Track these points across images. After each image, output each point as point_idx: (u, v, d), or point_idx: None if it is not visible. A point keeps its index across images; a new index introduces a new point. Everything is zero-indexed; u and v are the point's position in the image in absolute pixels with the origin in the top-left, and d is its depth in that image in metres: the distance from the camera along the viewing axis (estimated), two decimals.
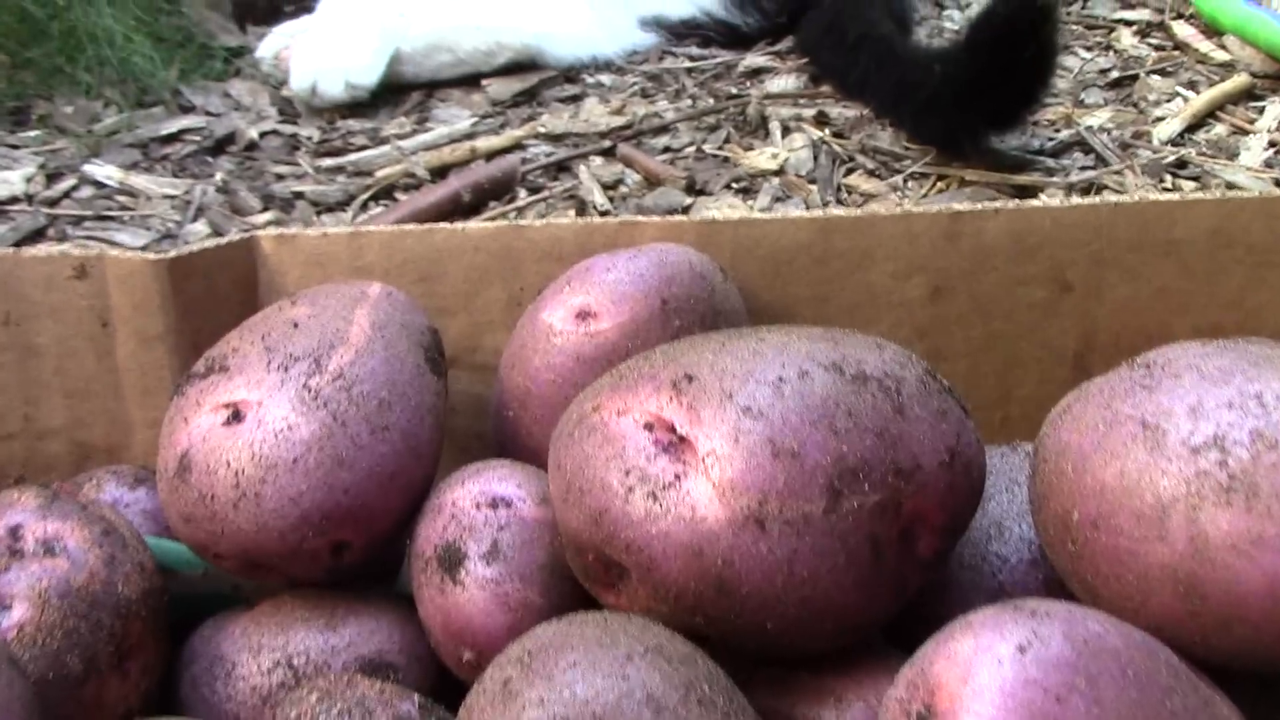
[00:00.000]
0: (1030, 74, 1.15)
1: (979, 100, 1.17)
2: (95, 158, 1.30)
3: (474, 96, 1.44)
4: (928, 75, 1.22)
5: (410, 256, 0.65)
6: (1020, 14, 1.13)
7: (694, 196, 1.20)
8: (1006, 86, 1.15)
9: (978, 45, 1.16)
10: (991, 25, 1.16)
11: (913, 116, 1.25)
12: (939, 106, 1.20)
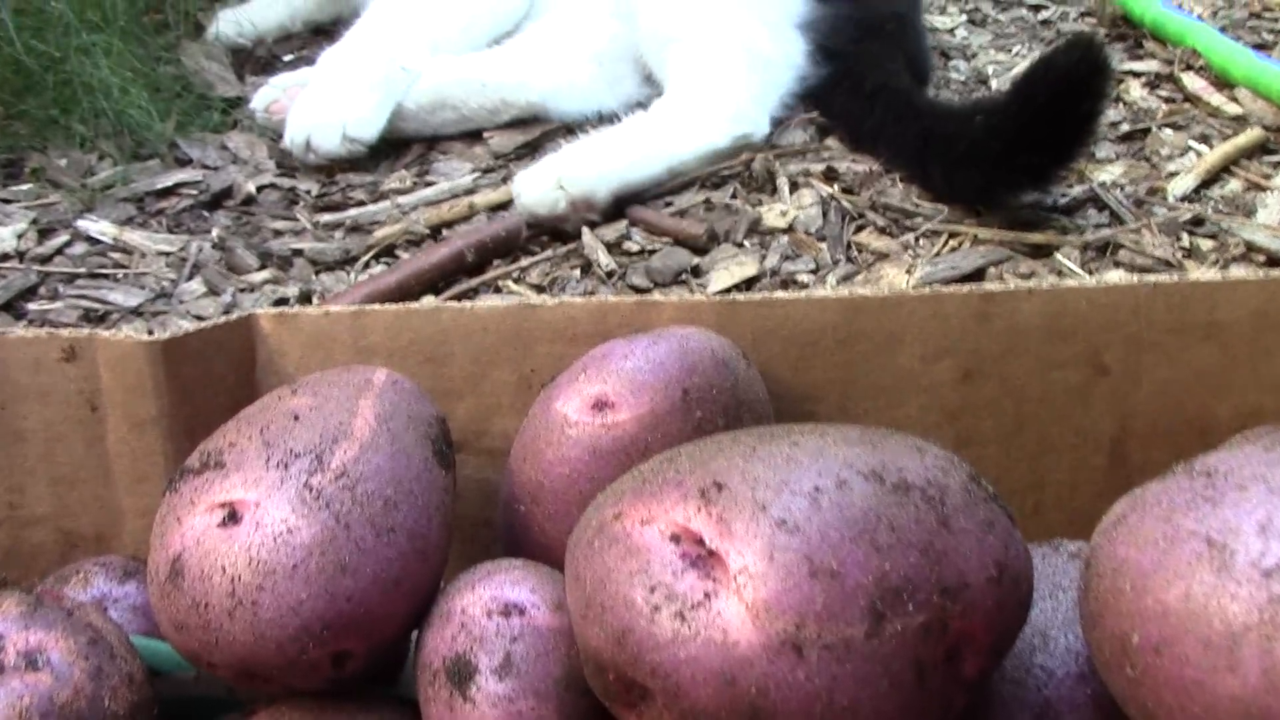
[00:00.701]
0: (1077, 128, 1.13)
1: (1025, 153, 1.14)
2: (89, 212, 1.27)
3: (475, 149, 1.42)
4: (964, 127, 1.19)
5: (416, 337, 0.62)
6: (1080, 66, 1.11)
7: (701, 256, 1.17)
8: (1052, 140, 1.13)
9: (1032, 96, 1.14)
10: (1049, 76, 1.13)
11: (944, 170, 1.22)
12: (979, 160, 1.17)
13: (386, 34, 1.40)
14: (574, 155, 1.23)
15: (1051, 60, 1.16)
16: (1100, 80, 1.12)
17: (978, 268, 1.13)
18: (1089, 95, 1.12)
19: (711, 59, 1.33)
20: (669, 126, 1.29)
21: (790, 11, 1.38)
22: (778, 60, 1.37)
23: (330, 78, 1.36)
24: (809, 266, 1.16)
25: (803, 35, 1.38)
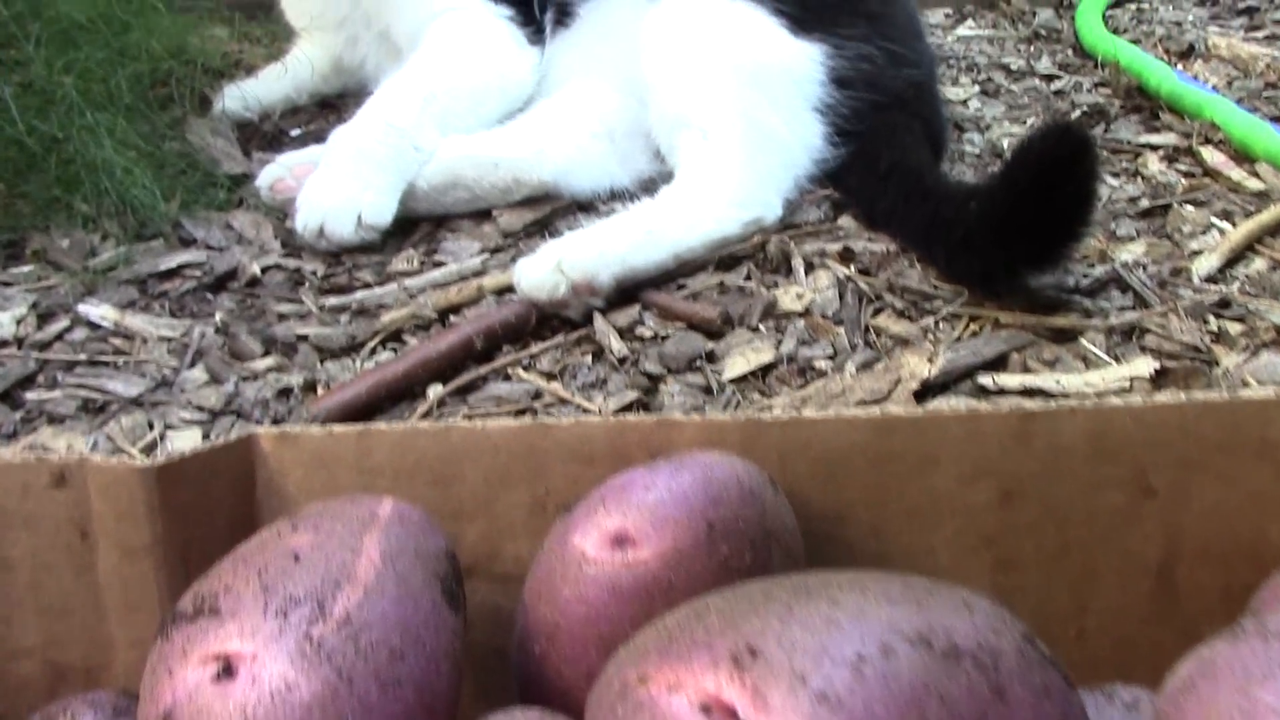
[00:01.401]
0: (1069, 212, 1.10)
1: (1016, 239, 1.12)
2: (90, 295, 1.25)
3: (484, 227, 1.39)
4: (962, 212, 1.17)
5: (424, 457, 0.59)
6: (1058, 149, 1.09)
7: (715, 341, 1.14)
8: (1045, 225, 1.11)
9: (1014, 181, 1.12)
10: (1028, 161, 1.11)
11: (946, 254, 1.20)
12: (974, 245, 1.15)
13: (398, 113, 1.39)
14: (576, 240, 1.21)
15: (1029, 147, 1.15)
16: (1084, 163, 1.09)
17: (1000, 353, 1.10)
18: (1076, 179, 1.09)
19: (722, 143, 1.31)
20: (676, 212, 1.26)
21: (806, 94, 1.36)
22: (792, 144, 1.35)
23: (342, 160, 1.34)
24: (826, 352, 1.12)
25: (819, 118, 1.36)
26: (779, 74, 1.37)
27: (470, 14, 1.56)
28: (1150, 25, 2.14)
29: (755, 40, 1.38)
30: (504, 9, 1.57)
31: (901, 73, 1.42)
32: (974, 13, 2.20)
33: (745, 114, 1.34)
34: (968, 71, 1.92)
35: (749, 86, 1.36)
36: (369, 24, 1.65)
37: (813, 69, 1.38)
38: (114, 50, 1.37)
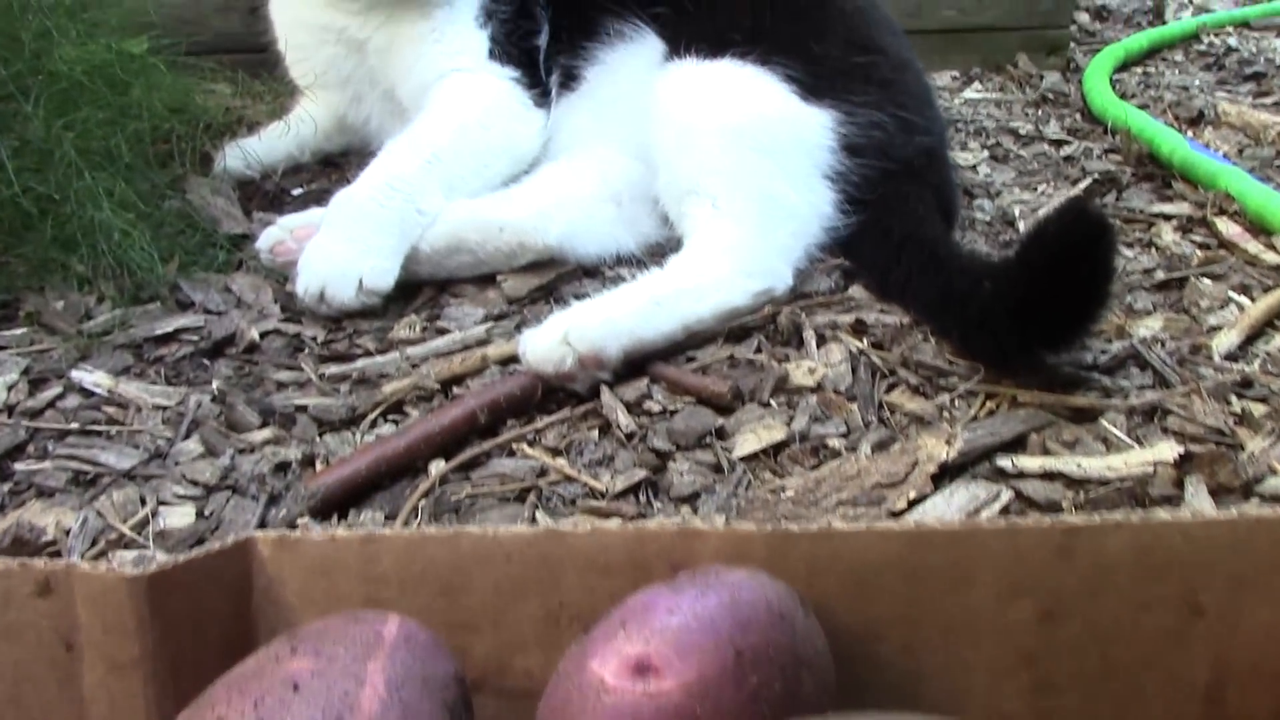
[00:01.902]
0: (1086, 294, 1.08)
1: (1032, 319, 1.09)
2: (85, 361, 1.22)
3: (488, 293, 1.37)
4: (977, 289, 1.14)
5: (431, 564, 0.56)
6: (1075, 231, 1.06)
7: (725, 417, 1.11)
8: (1061, 306, 1.08)
9: (1030, 262, 1.09)
10: (1045, 241, 1.09)
11: (961, 331, 1.17)
12: (990, 324, 1.12)
13: (401, 175, 1.36)
14: (583, 312, 1.18)
15: (1046, 227, 1.12)
16: (1102, 245, 1.07)
17: (1018, 434, 1.07)
18: (1093, 262, 1.07)
19: (732, 212, 1.29)
20: (685, 283, 1.23)
21: (817, 161, 1.33)
22: (803, 212, 1.32)
23: (343, 222, 1.32)
24: (839, 430, 1.09)
25: (830, 186, 1.33)
26: (790, 140, 1.35)
27: (476, 75, 1.55)
28: (1158, 90, 2.13)
29: (766, 106, 1.37)
30: (510, 70, 1.56)
31: (913, 140, 1.40)
32: (981, 75, 2.19)
33: (756, 181, 1.32)
34: (976, 136, 1.90)
35: (759, 153, 1.33)
36: (373, 82, 1.63)
37: (824, 135, 1.35)
38: (114, 109, 1.35)
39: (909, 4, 2.12)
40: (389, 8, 1.56)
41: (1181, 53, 2.46)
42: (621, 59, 1.52)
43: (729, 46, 1.39)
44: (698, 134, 1.34)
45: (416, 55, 1.56)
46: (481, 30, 1.57)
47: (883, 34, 1.52)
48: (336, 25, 1.59)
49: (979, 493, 0.97)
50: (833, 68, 1.40)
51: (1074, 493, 1.00)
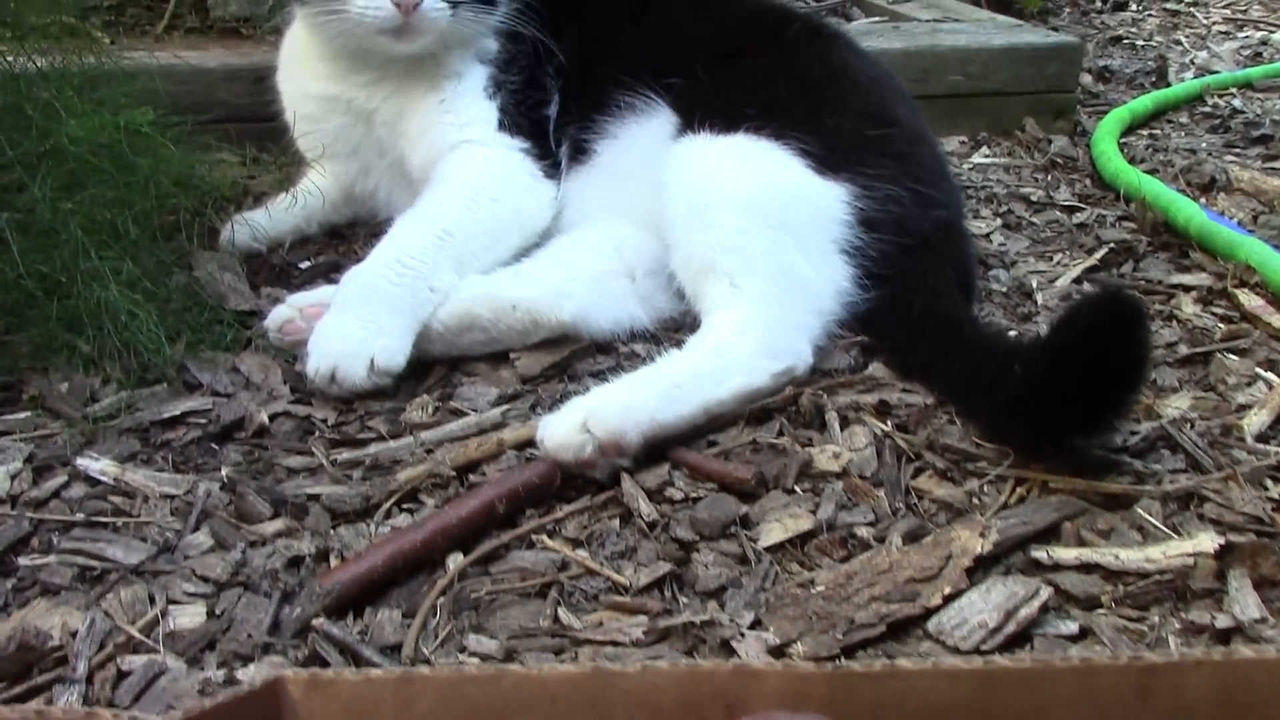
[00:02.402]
0: (1120, 381, 1.05)
1: (1064, 407, 1.07)
2: (90, 447, 1.18)
3: (502, 372, 1.34)
4: (1004, 373, 1.12)
5: (473, 707, 0.53)
6: (1107, 318, 1.04)
7: (749, 504, 1.09)
8: (1094, 393, 1.06)
9: (1063, 348, 1.07)
10: (1076, 328, 1.07)
11: (988, 416, 1.14)
12: (1019, 409, 1.10)
13: (412, 252, 1.34)
14: (602, 396, 1.15)
15: (1078, 312, 1.11)
16: (1138, 336, 1.05)
17: (1051, 522, 1.04)
18: (1127, 351, 1.05)
19: (750, 291, 1.26)
20: (705, 365, 1.21)
21: (834, 236, 1.31)
22: (821, 288, 1.30)
23: (354, 301, 1.29)
24: (867, 518, 1.07)
25: (848, 260, 1.31)
26: (806, 215, 1.33)
27: (486, 146, 1.53)
28: (1167, 154, 2.12)
29: (781, 180, 1.35)
30: (519, 141, 1.54)
31: (930, 214, 1.38)
32: (989, 140, 2.19)
33: (773, 258, 1.30)
34: (988, 202, 1.89)
35: (776, 228, 1.31)
36: (382, 153, 1.61)
37: (840, 209, 1.33)
38: (121, 186, 1.32)
39: (916, 69, 2.11)
40: (398, 79, 1.55)
41: (1187, 114, 2.46)
42: (633, 132, 1.50)
43: (743, 121, 1.37)
44: (713, 210, 1.32)
45: (425, 126, 1.54)
46: (490, 101, 1.55)
47: (897, 106, 1.51)
48: (345, 96, 1.58)
49: (1017, 589, 0.94)
50: (848, 141, 1.38)
51: (1113, 586, 0.97)
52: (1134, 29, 3.23)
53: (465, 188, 1.48)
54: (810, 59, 1.50)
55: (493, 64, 1.56)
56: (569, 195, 1.54)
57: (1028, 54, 2.19)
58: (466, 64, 1.55)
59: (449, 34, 1.49)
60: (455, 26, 1.47)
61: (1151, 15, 3.42)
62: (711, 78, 1.47)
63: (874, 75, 1.55)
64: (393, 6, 1.41)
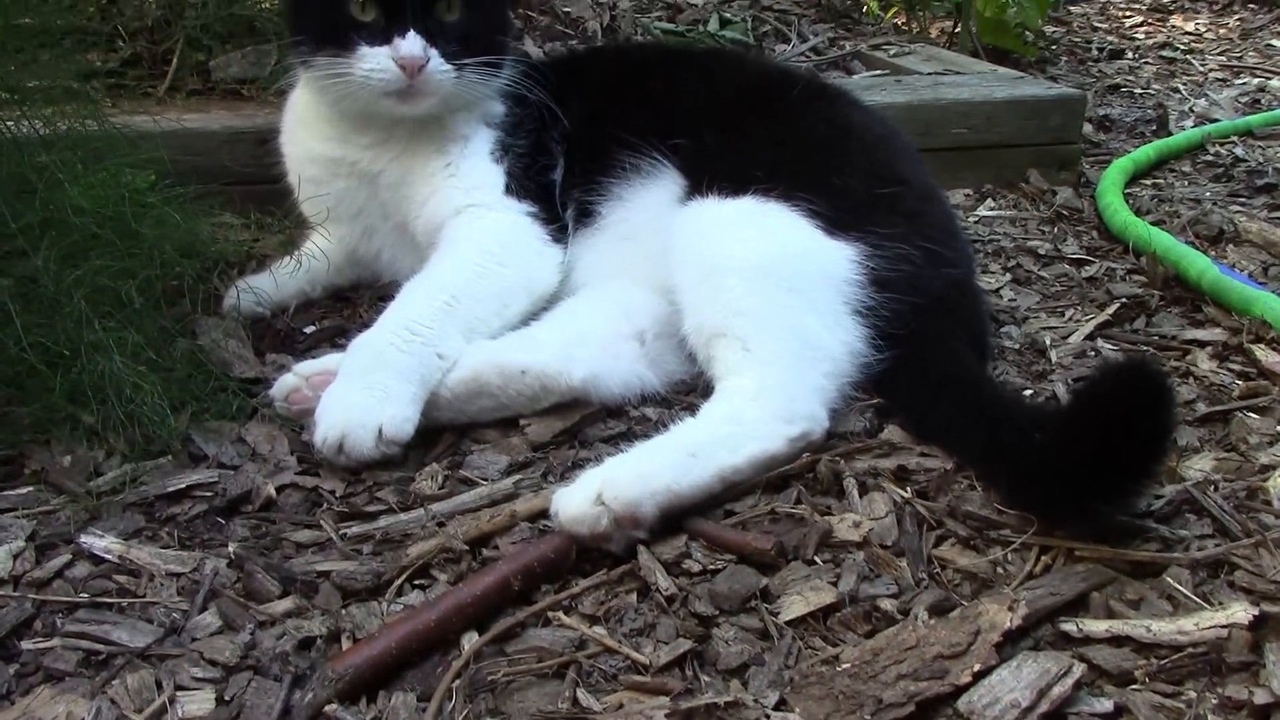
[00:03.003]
0: (1143, 451, 1.03)
1: (1085, 477, 1.04)
2: (94, 523, 1.16)
3: (512, 439, 1.32)
4: (1025, 440, 1.10)
5: None
6: (1130, 388, 1.03)
7: (769, 576, 1.06)
8: (1118, 464, 1.03)
9: (1084, 418, 1.05)
10: (1098, 398, 1.05)
11: (1010, 483, 1.12)
12: (1040, 478, 1.08)
13: (420, 319, 1.33)
14: (616, 467, 1.13)
15: (1100, 381, 1.09)
16: (1160, 402, 1.03)
17: (1079, 593, 1.02)
18: (1151, 421, 1.03)
19: (763, 355, 1.24)
20: (720, 432, 1.19)
21: (846, 296, 1.30)
22: (834, 350, 1.28)
23: (361, 369, 1.27)
24: (890, 590, 1.04)
25: (860, 321, 1.29)
26: (817, 276, 1.32)
27: (493, 211, 1.52)
28: (1172, 204, 2.12)
29: (791, 242, 1.33)
30: (526, 205, 1.53)
31: (941, 272, 1.36)
32: (994, 192, 2.18)
33: (785, 321, 1.28)
34: (996, 256, 1.88)
35: (787, 291, 1.29)
36: (386, 216, 1.60)
37: (851, 270, 1.32)
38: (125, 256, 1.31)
39: (919, 123, 2.11)
40: (403, 141, 1.54)
41: (1189, 163, 2.46)
42: (639, 194, 1.49)
43: (750, 183, 1.36)
44: (723, 274, 1.30)
45: (431, 190, 1.53)
46: (497, 165, 1.55)
47: (905, 164, 1.50)
48: (349, 158, 1.57)
49: (1048, 665, 0.92)
50: (856, 200, 1.37)
51: (1146, 660, 0.95)
52: (1131, 77, 3.25)
53: (473, 253, 1.46)
54: (816, 119, 1.50)
55: (499, 128, 1.56)
56: (576, 257, 1.53)
57: (1031, 106, 2.19)
58: (473, 127, 1.55)
59: (454, 96, 1.48)
60: (460, 89, 1.47)
61: (1148, 63, 3.43)
62: (717, 140, 1.46)
63: (880, 132, 1.55)
64: (398, 69, 1.41)
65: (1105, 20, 4.04)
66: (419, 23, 1.42)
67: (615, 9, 2.82)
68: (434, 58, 1.42)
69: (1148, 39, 3.76)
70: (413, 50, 1.41)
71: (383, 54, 1.41)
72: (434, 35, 1.43)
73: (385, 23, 1.42)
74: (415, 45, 1.41)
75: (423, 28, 1.42)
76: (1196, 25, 3.96)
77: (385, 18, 1.42)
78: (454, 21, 1.46)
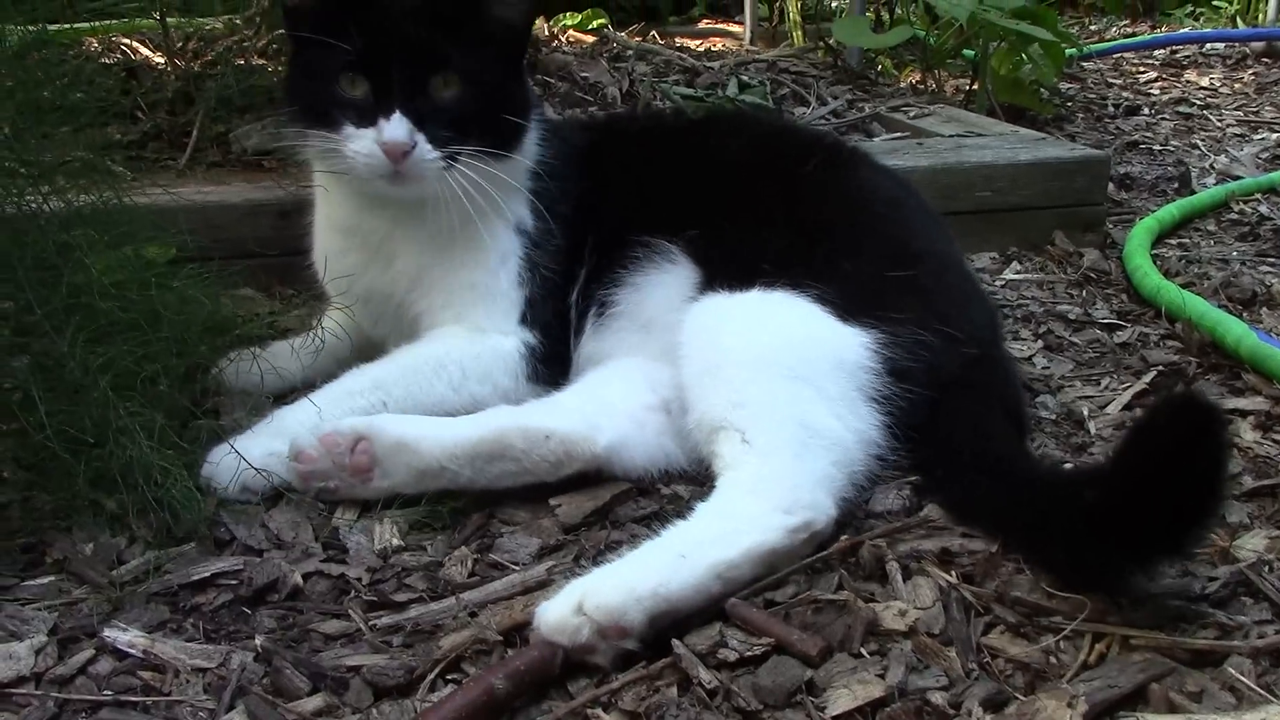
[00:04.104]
0: (1198, 492, 1.00)
1: (1136, 528, 1.00)
2: (117, 614, 1.13)
3: (542, 520, 1.29)
4: (1068, 507, 1.07)
5: None
6: (1182, 423, 0.99)
7: (814, 668, 1.03)
8: (1169, 511, 0.99)
9: (1135, 463, 1.01)
10: (1149, 439, 1.02)
11: (1055, 559, 1.09)
12: (1087, 544, 1.04)
13: (334, 405, 1.38)
14: (600, 575, 1.07)
15: (1150, 420, 1.06)
16: (1214, 437, 1.00)
17: (1138, 685, 0.98)
18: (1204, 458, 0.99)
19: (762, 444, 1.20)
20: (713, 527, 1.13)
21: (859, 383, 1.26)
22: (845, 439, 1.23)
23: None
24: (940, 681, 1.00)
25: (876, 409, 1.25)
26: (826, 362, 1.27)
27: (486, 335, 1.48)
28: (1201, 266, 2.09)
29: (797, 329, 1.29)
30: (531, 336, 1.49)
31: (962, 353, 1.32)
32: (1020, 255, 2.16)
33: (788, 410, 1.23)
34: (1025, 322, 1.85)
35: (792, 379, 1.25)
36: (398, 304, 1.55)
37: (864, 356, 1.27)
38: (152, 341, 1.29)
39: (942, 186, 2.10)
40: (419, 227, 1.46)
41: (1214, 222, 2.44)
42: (654, 283, 1.45)
43: (758, 275, 1.32)
44: (724, 366, 1.27)
45: (445, 300, 1.49)
46: (519, 290, 1.50)
47: (920, 235, 1.46)
48: (364, 228, 1.51)
49: None
50: (868, 286, 1.33)
51: None
52: (1149, 134, 3.23)
53: (429, 365, 1.44)
54: (828, 196, 1.46)
55: (529, 237, 1.50)
56: (598, 335, 1.49)
57: (1054, 168, 2.18)
58: (499, 237, 1.48)
59: (450, 183, 1.39)
60: (455, 178, 1.38)
61: (1165, 119, 3.42)
62: (728, 228, 1.42)
63: (897, 199, 1.51)
64: (382, 154, 1.35)
65: (1119, 76, 4.04)
66: (408, 102, 1.35)
67: (633, 74, 2.83)
68: (420, 143, 1.35)
69: (1163, 94, 3.75)
70: (396, 135, 1.34)
71: (368, 136, 1.35)
72: (424, 116, 1.35)
73: (374, 100, 1.35)
74: (400, 129, 1.34)
75: (412, 108, 1.35)
76: (1211, 80, 3.95)
77: (374, 95, 1.35)
78: (449, 99, 1.38)
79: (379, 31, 1.36)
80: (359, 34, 1.35)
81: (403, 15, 1.37)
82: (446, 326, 1.49)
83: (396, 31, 1.37)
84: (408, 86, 1.35)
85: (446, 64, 1.38)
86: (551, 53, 3.00)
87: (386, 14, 1.37)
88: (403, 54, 1.36)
